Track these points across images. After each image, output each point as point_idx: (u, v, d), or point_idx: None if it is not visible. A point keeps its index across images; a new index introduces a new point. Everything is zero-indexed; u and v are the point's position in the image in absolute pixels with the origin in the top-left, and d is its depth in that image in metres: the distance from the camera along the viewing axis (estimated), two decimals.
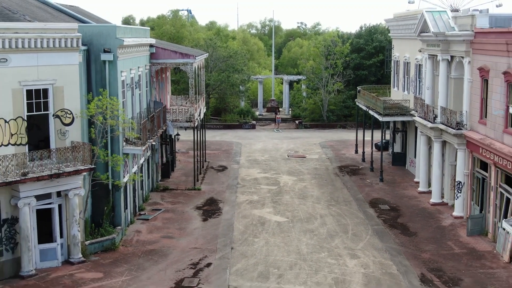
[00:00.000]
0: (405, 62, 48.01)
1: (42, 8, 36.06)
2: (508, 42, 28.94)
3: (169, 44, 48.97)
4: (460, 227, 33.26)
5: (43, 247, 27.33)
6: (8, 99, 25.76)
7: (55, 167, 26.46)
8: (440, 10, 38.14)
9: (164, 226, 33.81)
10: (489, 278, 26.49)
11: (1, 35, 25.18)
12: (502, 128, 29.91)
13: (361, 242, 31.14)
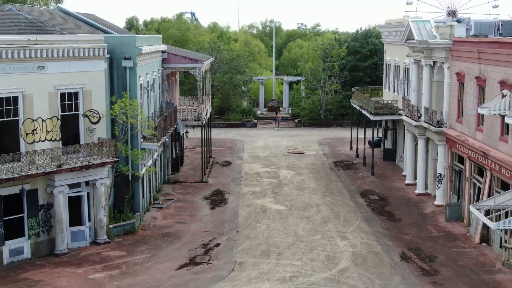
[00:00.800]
0: (395, 66, 52.10)
1: (65, 19, 40.19)
2: (479, 51, 33.05)
3: (179, 50, 53.07)
4: (440, 214, 37.39)
5: (74, 229, 31.50)
6: (45, 101, 29.91)
7: (85, 160, 30.61)
8: (424, 20, 42.19)
9: (176, 213, 37.97)
10: (461, 256, 30.62)
11: (40, 46, 29.33)
12: (475, 126, 34.02)
13: (351, 226, 35.28)
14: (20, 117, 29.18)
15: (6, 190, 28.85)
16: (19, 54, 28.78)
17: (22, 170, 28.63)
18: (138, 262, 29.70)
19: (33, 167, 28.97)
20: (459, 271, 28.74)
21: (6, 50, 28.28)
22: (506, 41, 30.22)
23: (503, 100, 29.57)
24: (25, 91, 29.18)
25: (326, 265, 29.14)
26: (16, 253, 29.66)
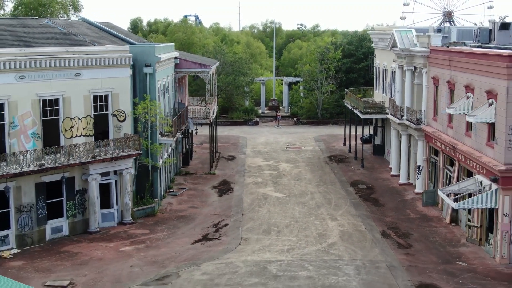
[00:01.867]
0: (384, 69, 57.59)
1: (90, 29, 45.67)
2: (450, 59, 38.55)
3: (189, 55, 58.55)
4: (418, 200, 42.93)
5: (104, 211, 37.07)
6: (81, 102, 35.46)
7: (114, 152, 36.17)
8: (406, 30, 47.71)
9: (189, 199, 43.55)
10: (432, 234, 36.18)
11: (77, 56, 34.89)
12: (447, 124, 39.54)
13: (341, 210, 40.84)
14: (60, 116, 34.76)
15: (49, 178, 34.44)
16: (60, 63, 34.33)
17: (62, 161, 34.17)
18: (159, 238, 35.28)
19: (71, 158, 34.53)
20: (429, 245, 34.31)
21: (49, 60, 33.82)
22: (470, 52, 35.71)
23: (467, 101, 35.12)
24: (64, 94, 34.74)
25: (318, 240, 34.71)
26: (56, 231, 35.24)
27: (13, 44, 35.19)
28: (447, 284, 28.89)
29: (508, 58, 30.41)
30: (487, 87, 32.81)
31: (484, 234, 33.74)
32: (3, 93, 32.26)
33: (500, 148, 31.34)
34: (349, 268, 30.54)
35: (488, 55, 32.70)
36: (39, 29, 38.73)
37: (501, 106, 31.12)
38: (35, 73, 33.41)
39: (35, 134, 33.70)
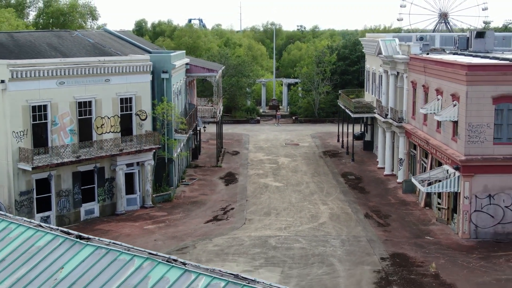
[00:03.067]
0: (373, 73, 63.88)
1: (112, 39, 52.03)
2: (424, 66, 44.85)
3: (198, 60, 64.81)
4: (399, 189, 49.25)
5: (129, 197, 43.41)
6: (110, 104, 41.80)
7: (137, 146, 42.51)
8: (390, 39, 54.01)
9: (199, 188, 49.90)
10: (408, 215, 42.52)
11: (106, 65, 41.24)
12: (422, 122, 45.87)
13: (331, 196, 47.19)
14: (93, 116, 41.11)
15: (84, 167, 40.81)
16: (92, 71, 40.67)
17: (95, 153, 40.52)
18: (176, 219, 41.66)
19: (102, 151, 40.88)
20: (404, 224, 40.67)
21: (84, 68, 40.18)
22: (439, 60, 42.00)
23: (437, 103, 41.45)
24: (96, 97, 41.09)
25: (310, 220, 41.07)
26: (89, 213, 41.60)
27: (51, 55, 41.59)
28: (415, 253, 35.23)
29: (467, 67, 36.75)
30: (452, 91, 39.13)
31: (450, 214, 40.10)
32: (46, 97, 38.60)
33: (461, 142, 37.67)
34: (335, 241, 36.90)
35: (452, 64, 39.03)
36: (71, 41, 45.09)
37: (462, 107, 37.45)
38: (72, 79, 39.73)
39: (72, 131, 40.06)
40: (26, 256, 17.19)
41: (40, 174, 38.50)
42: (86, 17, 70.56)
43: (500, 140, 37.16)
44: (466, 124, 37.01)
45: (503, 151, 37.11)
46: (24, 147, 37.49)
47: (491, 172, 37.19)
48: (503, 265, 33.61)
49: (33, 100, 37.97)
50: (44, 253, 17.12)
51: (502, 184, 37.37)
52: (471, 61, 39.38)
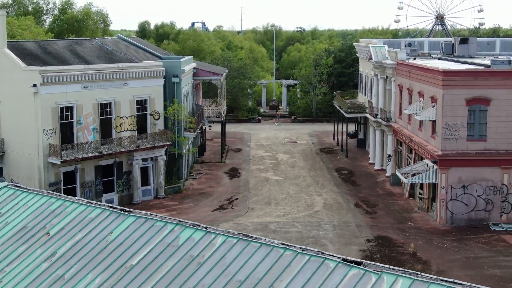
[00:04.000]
0: (366, 76, 68.92)
1: (126, 45, 57.08)
2: (409, 71, 49.87)
3: (203, 65, 69.79)
4: (387, 182, 54.30)
5: (144, 188, 48.46)
6: (127, 105, 46.86)
7: (151, 143, 47.58)
8: (380, 46, 59.06)
9: (206, 181, 54.97)
10: (393, 204, 47.58)
11: (124, 70, 46.30)
12: (407, 121, 50.92)
13: (325, 189, 52.26)
14: (112, 116, 46.17)
15: (105, 162, 45.89)
16: (112, 76, 45.74)
17: (114, 149, 45.59)
18: (187, 207, 46.75)
19: (121, 147, 45.95)
20: (390, 212, 45.74)
21: (105, 73, 45.25)
22: (421, 66, 47.03)
23: (419, 104, 46.51)
24: (115, 99, 46.16)
25: (306, 209, 46.16)
26: (109, 202, 46.42)
27: (75, 61, 46.67)
28: (397, 236, 40.31)
29: (443, 73, 41.81)
30: (431, 93, 44.20)
31: (430, 203, 45.17)
32: (72, 99, 43.68)
33: (438, 139, 42.74)
34: (327, 226, 41.98)
35: (431, 70, 44.10)
36: (91, 48, 50.15)
37: (439, 108, 42.52)
38: (95, 84, 44.80)
39: (94, 129, 45.15)
40: (81, 225, 22.24)
41: (67, 167, 43.59)
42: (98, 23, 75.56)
43: (472, 137, 42.22)
44: (443, 123, 42.07)
45: (475, 147, 42.18)
46: (53, 143, 42.58)
47: (465, 165, 42.25)
48: (473, 246, 38.69)
49: (61, 102, 43.07)
50: (95, 222, 22.18)
51: (475, 176, 42.43)
52: (448, 68, 44.46)
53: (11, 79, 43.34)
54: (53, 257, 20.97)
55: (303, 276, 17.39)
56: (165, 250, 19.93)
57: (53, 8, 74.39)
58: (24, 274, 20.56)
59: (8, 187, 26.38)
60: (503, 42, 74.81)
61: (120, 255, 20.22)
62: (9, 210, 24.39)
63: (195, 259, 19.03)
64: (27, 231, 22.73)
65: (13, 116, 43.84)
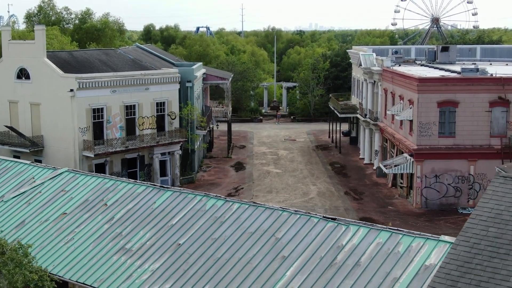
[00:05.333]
0: (357, 80, 76.41)
1: (143, 53, 64.61)
2: (392, 77, 57.35)
3: (211, 70, 77.25)
4: (374, 174, 61.79)
5: (162, 178, 55.95)
6: (148, 107, 54.38)
7: (169, 140, 55.08)
8: (369, 54, 66.52)
9: (215, 174, 62.49)
10: (378, 192, 55.11)
11: (146, 77, 53.83)
12: (391, 120, 58.42)
13: (320, 180, 59.78)
14: (136, 116, 53.67)
15: (130, 155, 53.39)
16: (136, 82, 53.25)
17: (138, 145, 53.14)
18: None
19: (143, 143, 53.43)
20: (374, 198, 53.26)
21: (130, 80, 52.75)
22: (401, 73, 54.49)
23: (399, 106, 54.00)
24: (139, 102, 53.67)
25: (302, 196, 53.68)
26: None
27: (103, 69, 54.17)
28: (378, 217, 47.82)
29: (418, 80, 49.31)
30: (409, 97, 51.70)
31: (408, 191, 52.68)
32: (103, 101, 51.19)
33: (414, 135, 50.23)
34: (320, 210, 49.48)
35: (409, 77, 51.60)
36: (116, 57, 57.68)
37: (415, 110, 50.01)
38: (122, 88, 52.32)
39: (121, 127, 52.66)
40: (131, 197, 29.81)
41: (98, 160, 51.08)
42: (115, 32, 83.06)
43: (443, 134, 49.74)
44: (418, 122, 49.58)
45: (445, 142, 49.70)
46: (87, 139, 50.11)
47: (437, 158, 49.75)
48: (441, 225, 46.22)
49: (94, 104, 50.59)
50: (142, 196, 29.76)
51: (446, 167, 49.91)
52: (424, 75, 51.99)
53: (50, 85, 50.85)
54: (111, 221, 28.68)
55: (295, 228, 25.03)
56: (195, 214, 27.68)
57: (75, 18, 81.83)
58: (91, 233, 28.26)
59: (68, 171, 34.13)
60: (483, 48, 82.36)
61: (162, 217, 27.97)
62: (71, 188, 32.16)
63: (218, 219, 26.75)
64: (88, 203, 30.46)
65: (51, 116, 51.33)
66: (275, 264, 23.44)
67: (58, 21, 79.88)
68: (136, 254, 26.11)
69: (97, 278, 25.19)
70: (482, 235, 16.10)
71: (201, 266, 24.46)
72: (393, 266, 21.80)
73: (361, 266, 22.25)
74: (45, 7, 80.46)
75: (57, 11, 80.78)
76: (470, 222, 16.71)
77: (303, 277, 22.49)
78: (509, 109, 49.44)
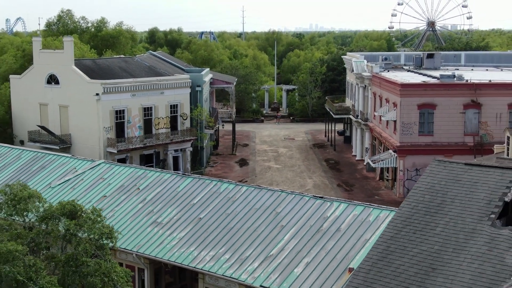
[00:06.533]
0: (351, 83, 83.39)
1: (158, 60, 71.63)
2: (379, 82, 64.34)
3: (217, 74, 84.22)
4: (364, 169, 68.81)
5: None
6: (163, 109, 61.40)
7: (181, 138, 62.10)
8: (360, 60, 73.50)
9: (221, 168, 69.51)
10: (366, 185, 62.13)
11: (161, 82, 60.86)
12: (379, 121, 65.42)
13: (316, 174, 66.80)
14: (152, 117, 60.69)
15: (147, 151, 60.39)
16: (153, 86, 60.26)
17: (154, 142, 60.17)
18: None
19: (159, 140, 60.44)
20: (363, 190, 60.27)
21: (147, 85, 59.76)
22: (387, 79, 61.47)
23: (385, 108, 61.01)
24: (155, 104, 60.68)
25: (299, 188, 60.69)
26: None
27: (123, 75, 61.17)
28: None
29: (400, 85, 56.31)
30: (393, 100, 58.70)
31: (393, 183, 59.67)
32: (124, 104, 58.20)
33: (398, 134, 57.23)
34: None
35: (393, 82, 58.58)
36: (133, 64, 64.73)
37: (398, 111, 57.00)
38: (140, 92, 59.34)
39: (140, 127, 59.67)
40: (159, 183, 36.83)
41: (120, 155, 58.05)
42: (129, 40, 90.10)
43: (423, 133, 56.73)
44: (401, 122, 56.58)
45: (425, 140, 56.70)
46: (110, 137, 57.10)
47: (417, 154, 56.73)
48: None
49: (116, 106, 57.59)
50: (168, 181, 36.77)
51: (425, 162, 56.78)
52: (407, 80, 59.00)
53: (78, 89, 57.84)
54: (144, 201, 35.66)
55: (291, 204, 32.01)
56: (212, 195, 34.63)
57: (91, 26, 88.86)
58: (128, 210, 35.25)
59: (104, 162, 41.19)
60: (467, 55, 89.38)
61: (185, 198, 34.94)
62: (108, 176, 39.14)
63: (230, 198, 33.72)
64: (123, 188, 37.44)
65: (78, 117, 58.30)
66: (275, 231, 30.47)
67: (76, 30, 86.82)
68: (165, 226, 33.14)
69: (136, 244, 32.20)
70: (420, 200, 23.06)
71: (217, 234, 31.44)
72: (365, 230, 28.83)
73: (341, 231, 29.27)
74: (64, 16, 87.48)
75: (75, 20, 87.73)
76: (412, 192, 23.69)
77: (296, 241, 29.50)
78: (481, 111, 56.43)
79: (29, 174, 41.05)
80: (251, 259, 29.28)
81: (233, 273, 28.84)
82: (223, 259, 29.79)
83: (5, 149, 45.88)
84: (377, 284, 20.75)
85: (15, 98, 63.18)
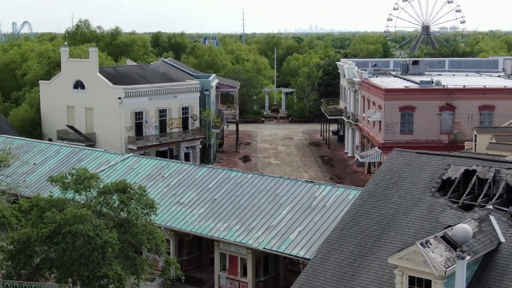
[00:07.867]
0: (343, 87, 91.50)
1: (169, 67, 79.78)
2: (367, 86, 72.47)
3: (222, 79, 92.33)
4: (355, 164, 76.94)
5: None
6: (176, 110, 69.54)
7: (191, 136, 70.24)
8: (352, 67, 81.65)
9: (227, 164, 77.59)
10: (355, 178, 70.27)
11: (175, 87, 68.95)
12: (367, 122, 73.55)
13: (311, 169, 74.96)
14: (167, 118, 68.83)
15: (162, 148, 68.56)
16: (167, 91, 68.41)
17: (168, 140, 68.24)
18: None
19: (172, 139, 68.55)
20: (352, 182, 68.23)
21: (162, 89, 67.90)
22: (374, 84, 69.58)
23: (372, 110, 69.17)
24: (169, 106, 68.81)
25: None
26: None
27: (140, 81, 69.32)
28: None
29: (384, 90, 64.48)
30: (378, 103, 66.86)
31: None
32: (142, 107, 66.34)
33: (382, 133, 65.37)
34: None
35: (378, 88, 66.72)
36: (149, 71, 72.90)
37: (382, 113, 65.15)
38: (156, 96, 67.46)
39: (156, 126, 67.80)
40: (180, 172, 44.99)
41: (139, 151, 66.10)
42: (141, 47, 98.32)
43: (404, 132, 64.87)
44: (384, 122, 64.74)
45: (405, 138, 64.85)
46: (131, 136, 65.22)
47: None
48: None
49: (136, 108, 65.73)
50: (187, 170, 44.96)
51: None
52: (391, 85, 67.15)
53: (102, 93, 65.96)
54: (168, 186, 43.82)
55: (287, 187, 40.18)
56: (224, 180, 42.82)
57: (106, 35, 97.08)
58: (155, 193, 43.37)
59: (133, 156, 49.34)
60: (451, 61, 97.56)
61: (202, 183, 43.13)
62: (137, 167, 47.25)
63: (239, 183, 41.87)
64: (150, 176, 45.62)
65: (102, 118, 66.39)
66: (275, 208, 38.64)
67: (93, 38, 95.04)
68: (187, 205, 41.30)
69: (163, 219, 40.35)
70: (381, 179, 31.18)
71: (229, 211, 39.59)
72: (345, 206, 36.98)
73: (326, 207, 37.45)
74: (82, 26, 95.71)
75: (92, 30, 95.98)
76: (376, 174, 31.82)
77: (291, 214, 37.68)
78: (455, 112, 64.57)
79: (69, 165, 49.05)
80: (256, 229, 37.45)
81: (242, 240, 37.02)
82: (234, 230, 37.95)
83: (46, 145, 54.09)
84: (348, 237, 28.93)
85: (44, 101, 71.33)
